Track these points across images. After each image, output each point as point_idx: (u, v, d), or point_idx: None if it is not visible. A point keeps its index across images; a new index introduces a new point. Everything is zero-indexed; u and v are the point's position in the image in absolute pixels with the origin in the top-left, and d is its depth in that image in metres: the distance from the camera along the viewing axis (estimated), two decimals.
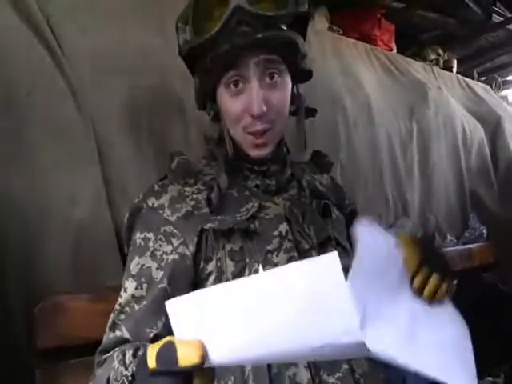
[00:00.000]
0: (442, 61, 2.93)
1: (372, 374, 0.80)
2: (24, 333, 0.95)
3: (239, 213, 0.83)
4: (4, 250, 0.95)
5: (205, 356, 0.49)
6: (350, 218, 1.02)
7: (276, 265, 0.79)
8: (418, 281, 0.68)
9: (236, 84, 0.82)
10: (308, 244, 0.85)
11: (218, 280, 0.79)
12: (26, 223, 0.98)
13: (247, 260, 0.80)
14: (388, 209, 1.89)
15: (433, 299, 0.69)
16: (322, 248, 0.87)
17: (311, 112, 0.95)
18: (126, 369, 0.64)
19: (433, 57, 2.91)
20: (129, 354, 0.67)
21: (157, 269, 0.79)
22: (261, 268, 0.78)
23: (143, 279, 0.78)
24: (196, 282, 0.81)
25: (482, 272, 2.11)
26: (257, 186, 0.90)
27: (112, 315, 0.79)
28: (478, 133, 2.47)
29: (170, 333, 0.53)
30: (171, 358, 0.49)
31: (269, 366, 0.74)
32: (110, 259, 1.05)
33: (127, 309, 0.77)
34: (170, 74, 1.28)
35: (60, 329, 0.86)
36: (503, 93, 3.46)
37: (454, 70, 2.94)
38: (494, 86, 3.22)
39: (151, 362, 0.51)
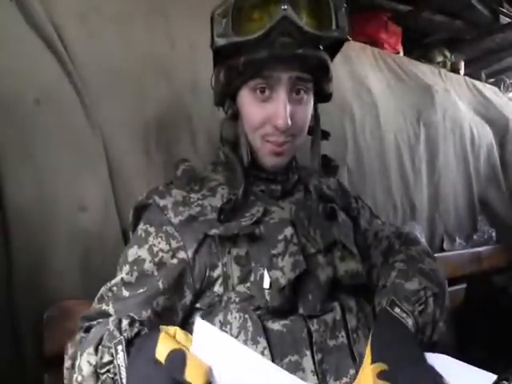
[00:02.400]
0: (449, 63, 2.91)
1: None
2: (32, 338, 0.95)
3: (244, 218, 0.84)
4: (12, 257, 0.95)
5: (207, 381, 0.53)
6: (357, 221, 1.02)
7: (281, 269, 0.79)
8: None
9: (262, 91, 0.82)
10: (314, 248, 0.85)
11: (225, 284, 0.80)
12: (35, 230, 0.98)
13: (252, 264, 0.80)
14: (396, 213, 1.88)
15: None
16: (327, 252, 0.87)
17: (325, 135, 0.96)
18: (121, 334, 0.66)
19: (440, 59, 2.89)
20: (125, 322, 0.69)
21: (150, 262, 0.81)
22: (266, 274, 0.78)
23: (135, 267, 0.81)
24: (200, 287, 0.81)
25: (492, 275, 2.09)
26: (262, 190, 0.90)
27: (102, 288, 0.82)
28: (486, 135, 2.45)
29: (151, 327, 0.64)
30: (180, 367, 0.52)
31: None
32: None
33: (115, 289, 0.80)
34: (177, 81, 1.28)
35: (68, 334, 0.86)
36: (511, 94, 3.43)
37: (462, 71, 2.92)
38: (502, 87, 3.20)
39: (160, 355, 0.53)
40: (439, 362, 0.70)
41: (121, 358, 0.62)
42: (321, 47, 0.83)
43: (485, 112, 2.56)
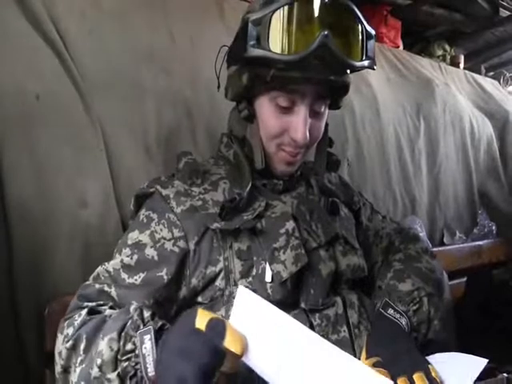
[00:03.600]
0: (448, 56, 2.91)
1: None
2: (34, 333, 0.96)
3: (246, 212, 0.84)
4: (14, 252, 0.95)
5: (244, 353, 0.54)
6: (359, 215, 1.03)
7: (283, 262, 0.79)
8: None
9: (284, 105, 0.82)
10: (315, 242, 0.85)
11: (227, 279, 0.80)
12: (36, 226, 0.98)
13: (254, 258, 0.80)
14: (396, 206, 1.89)
15: None
16: (329, 246, 0.87)
17: (329, 142, 0.96)
18: (145, 324, 0.66)
19: (440, 53, 2.89)
20: (147, 313, 0.68)
21: (151, 247, 0.81)
22: (268, 267, 0.78)
23: (136, 251, 0.80)
24: (197, 283, 0.81)
25: (492, 269, 2.09)
26: (264, 184, 0.90)
27: (99, 268, 0.82)
28: (486, 129, 2.45)
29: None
30: (220, 333, 0.53)
31: None
32: None
33: (112, 270, 0.80)
34: (176, 76, 1.28)
35: None
36: (511, 88, 3.43)
37: (461, 65, 2.91)
38: (501, 80, 3.19)
39: (200, 323, 0.54)
40: (431, 360, 0.72)
41: (148, 348, 0.61)
42: (348, 72, 0.84)
43: (484, 105, 2.56)
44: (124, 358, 0.64)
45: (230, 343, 0.53)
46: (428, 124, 2.13)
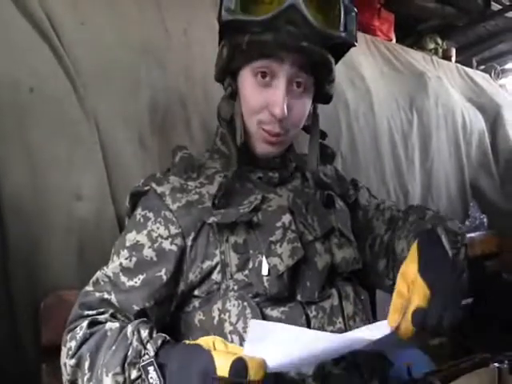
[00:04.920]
0: (440, 50, 2.92)
1: (375, 364, 0.82)
2: (29, 328, 0.96)
3: (242, 205, 0.84)
4: (8, 247, 0.95)
5: (266, 373, 0.58)
6: (354, 208, 1.03)
7: (280, 256, 0.80)
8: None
9: (264, 75, 0.82)
10: (311, 235, 0.86)
11: (223, 272, 0.80)
12: (31, 219, 0.98)
13: (251, 252, 0.80)
14: (389, 199, 1.89)
15: None
16: (325, 239, 0.88)
17: (322, 135, 0.96)
18: (145, 348, 0.66)
19: (432, 46, 2.90)
20: (144, 333, 0.69)
21: (149, 248, 0.81)
22: (265, 261, 0.79)
23: (134, 253, 0.80)
24: (194, 278, 0.81)
25: (484, 260, 2.11)
26: (260, 177, 0.90)
27: (98, 273, 0.82)
28: (478, 122, 2.46)
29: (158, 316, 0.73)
30: (243, 371, 0.56)
31: None
32: None
33: (112, 275, 0.80)
34: (170, 68, 1.28)
35: (65, 324, 0.86)
36: (502, 81, 3.44)
37: (453, 59, 2.93)
38: (492, 74, 3.21)
39: (222, 371, 0.56)
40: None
41: (154, 377, 0.63)
42: (326, 46, 0.83)
43: (476, 99, 2.58)
44: None
45: (254, 375, 0.56)
46: (421, 117, 2.14)
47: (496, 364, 0.87)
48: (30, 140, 1.00)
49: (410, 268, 0.68)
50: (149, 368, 0.63)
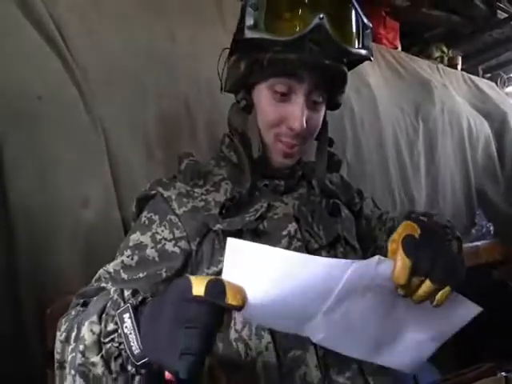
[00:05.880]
0: (446, 58, 2.92)
1: (381, 372, 0.80)
2: (36, 333, 0.96)
3: (248, 213, 0.84)
4: (16, 252, 0.95)
5: (245, 302, 0.54)
6: (359, 216, 1.03)
7: None
8: (402, 292, 0.61)
9: (283, 93, 0.82)
10: (317, 243, 0.85)
11: None
12: (38, 226, 0.98)
13: None
14: (395, 206, 1.89)
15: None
16: (331, 248, 0.87)
17: (330, 142, 0.96)
18: (125, 302, 0.64)
19: (437, 54, 2.90)
20: (127, 292, 0.68)
21: (152, 248, 0.81)
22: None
23: (136, 252, 0.81)
24: None
25: (491, 269, 2.10)
26: (266, 185, 0.90)
27: (100, 270, 0.82)
28: (484, 130, 2.46)
29: None
30: (220, 292, 0.53)
31: (279, 366, 0.75)
32: None
33: (112, 271, 0.80)
34: (177, 76, 1.28)
35: None
36: (508, 89, 3.44)
37: (459, 67, 2.93)
38: (498, 82, 3.21)
39: (198, 290, 0.53)
40: None
41: (128, 327, 0.59)
42: (344, 61, 0.84)
43: (482, 106, 2.57)
44: (107, 339, 0.62)
45: (232, 299, 0.53)
46: (426, 125, 2.14)
47: (503, 373, 0.87)
48: (38, 147, 1.00)
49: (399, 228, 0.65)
50: (124, 315, 0.60)
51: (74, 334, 0.67)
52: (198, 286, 0.53)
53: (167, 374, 0.54)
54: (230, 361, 0.77)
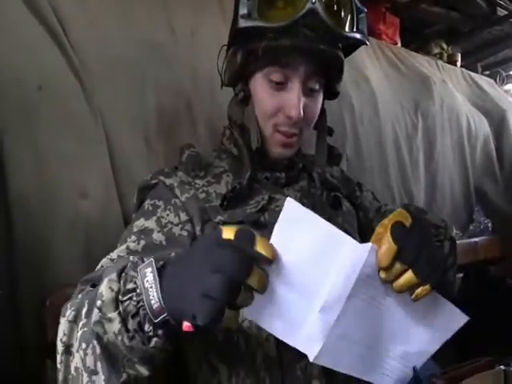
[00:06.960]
0: (445, 55, 2.93)
1: None
2: (34, 325, 0.95)
3: (249, 205, 0.84)
4: (15, 244, 0.95)
5: (274, 256, 0.55)
6: (358, 208, 1.03)
7: None
8: (383, 275, 0.60)
9: (278, 80, 0.82)
10: None
11: None
12: (36, 217, 0.98)
13: None
14: (394, 203, 1.89)
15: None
16: None
17: (329, 131, 0.96)
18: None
19: (437, 51, 2.90)
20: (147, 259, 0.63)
21: (158, 232, 0.79)
22: None
23: (142, 236, 0.78)
24: None
25: (489, 265, 2.11)
26: (266, 177, 0.90)
27: (103, 259, 0.77)
28: (483, 127, 2.46)
29: None
30: (250, 240, 0.53)
31: (280, 358, 0.75)
32: None
33: (116, 257, 0.76)
34: (177, 68, 1.28)
35: None
36: (507, 87, 3.45)
37: (458, 63, 2.93)
38: (497, 79, 3.22)
39: (228, 235, 0.52)
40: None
41: (149, 281, 0.56)
42: (339, 46, 0.84)
43: (481, 103, 2.58)
44: (125, 297, 0.58)
45: (260, 247, 0.53)
46: (426, 121, 2.14)
47: (502, 366, 0.87)
48: (37, 138, 1.00)
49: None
50: (146, 270, 0.57)
51: (84, 310, 0.62)
52: (228, 232, 0.53)
53: (185, 325, 0.52)
54: (230, 352, 0.77)
